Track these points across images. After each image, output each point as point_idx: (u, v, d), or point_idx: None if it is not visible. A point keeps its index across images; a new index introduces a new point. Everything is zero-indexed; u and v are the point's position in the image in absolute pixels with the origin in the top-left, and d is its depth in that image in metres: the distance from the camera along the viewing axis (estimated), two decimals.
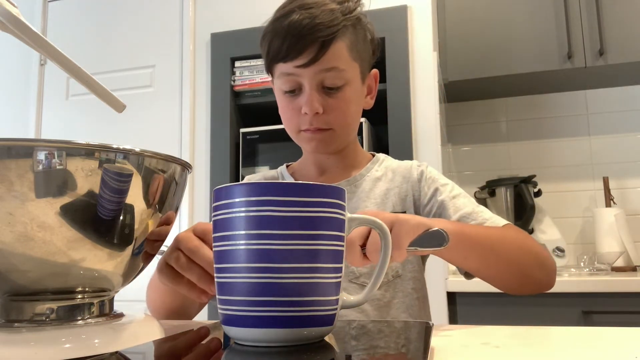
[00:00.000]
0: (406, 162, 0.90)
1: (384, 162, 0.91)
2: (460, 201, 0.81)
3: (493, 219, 0.78)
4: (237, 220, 0.38)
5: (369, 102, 0.88)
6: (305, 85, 0.78)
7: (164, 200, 0.47)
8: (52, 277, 0.42)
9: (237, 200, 0.38)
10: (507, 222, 0.78)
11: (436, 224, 0.56)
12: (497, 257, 0.68)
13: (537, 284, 0.73)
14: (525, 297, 1.48)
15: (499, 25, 1.91)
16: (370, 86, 0.88)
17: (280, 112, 0.85)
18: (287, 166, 0.96)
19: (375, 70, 0.88)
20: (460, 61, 1.93)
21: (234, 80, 1.94)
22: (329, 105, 0.79)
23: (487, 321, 1.52)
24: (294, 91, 0.80)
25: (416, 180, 0.86)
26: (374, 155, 0.94)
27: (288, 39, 0.75)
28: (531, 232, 1.96)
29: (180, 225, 1.98)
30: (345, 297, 0.44)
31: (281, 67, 0.79)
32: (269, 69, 0.83)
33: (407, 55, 1.71)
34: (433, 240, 0.53)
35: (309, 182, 0.40)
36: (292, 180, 0.91)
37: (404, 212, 0.83)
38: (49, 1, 2.30)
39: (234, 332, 0.39)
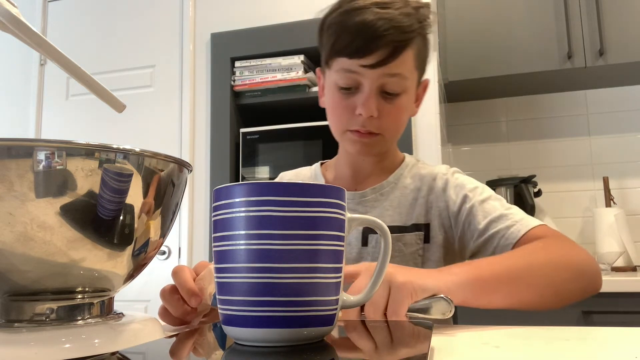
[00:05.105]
0: (433, 170, 0.86)
1: (414, 168, 0.88)
2: (490, 205, 0.77)
3: (523, 221, 0.74)
4: (237, 220, 0.38)
5: (415, 110, 0.85)
6: (365, 86, 0.75)
7: (164, 200, 0.47)
8: (52, 277, 0.42)
9: (237, 200, 0.38)
10: (540, 222, 0.74)
11: (445, 282, 0.54)
12: (526, 287, 0.63)
13: (578, 294, 0.68)
14: None
15: (499, 25, 1.91)
16: (418, 94, 0.85)
17: (331, 107, 0.81)
18: (322, 164, 0.94)
19: (427, 80, 0.85)
20: (460, 61, 1.93)
21: (234, 80, 1.94)
22: (384, 110, 0.76)
23: (487, 321, 1.51)
24: (350, 89, 0.77)
25: (441, 190, 0.82)
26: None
27: (360, 37, 0.71)
28: None
29: (181, 225, 1.98)
30: (345, 297, 0.44)
31: (343, 63, 0.75)
32: (327, 61, 0.79)
33: None
34: (435, 308, 0.51)
35: (308, 182, 0.40)
36: (322, 180, 0.90)
37: (427, 225, 0.81)
38: (49, 1, 2.30)
39: (234, 332, 0.39)
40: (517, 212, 0.77)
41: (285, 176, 0.96)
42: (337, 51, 0.75)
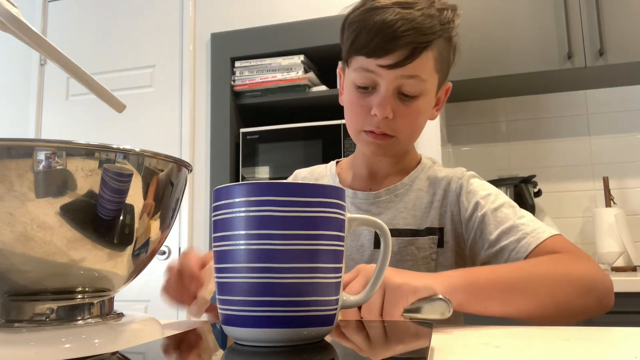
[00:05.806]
0: (449, 174, 0.84)
1: (430, 171, 0.86)
2: (502, 213, 0.74)
3: (534, 233, 0.71)
4: (237, 220, 0.38)
5: (434, 114, 0.83)
6: (382, 87, 0.74)
7: (163, 200, 0.47)
8: (52, 277, 0.42)
9: (237, 200, 0.38)
10: (553, 232, 0.71)
11: (441, 284, 0.54)
12: (523, 297, 0.61)
13: (583, 311, 0.65)
14: None
15: (499, 25, 1.91)
16: (439, 98, 0.83)
17: (347, 106, 0.80)
18: (337, 162, 0.94)
19: (449, 84, 0.84)
20: (460, 61, 1.93)
21: (234, 80, 1.94)
22: (400, 112, 0.75)
23: (487, 321, 1.51)
24: (368, 88, 0.75)
25: (455, 195, 0.81)
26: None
27: (379, 36, 0.70)
28: None
29: (181, 225, 1.98)
30: (345, 297, 0.44)
31: (361, 61, 0.74)
32: (346, 59, 0.79)
33: None
34: (434, 308, 0.51)
35: (309, 182, 0.40)
36: (337, 179, 0.90)
37: (442, 229, 0.80)
38: (49, 1, 2.30)
39: (234, 332, 0.39)
40: (529, 221, 0.73)
41: (300, 174, 0.95)
42: (355, 49, 0.74)
